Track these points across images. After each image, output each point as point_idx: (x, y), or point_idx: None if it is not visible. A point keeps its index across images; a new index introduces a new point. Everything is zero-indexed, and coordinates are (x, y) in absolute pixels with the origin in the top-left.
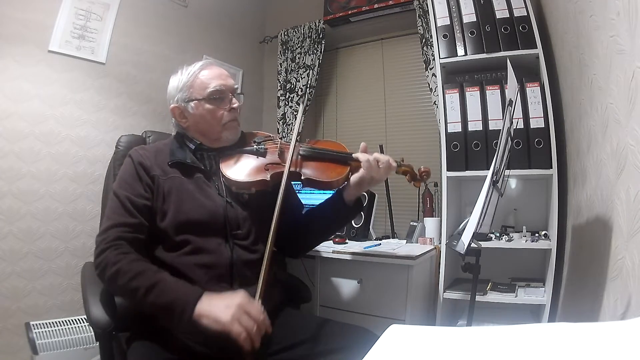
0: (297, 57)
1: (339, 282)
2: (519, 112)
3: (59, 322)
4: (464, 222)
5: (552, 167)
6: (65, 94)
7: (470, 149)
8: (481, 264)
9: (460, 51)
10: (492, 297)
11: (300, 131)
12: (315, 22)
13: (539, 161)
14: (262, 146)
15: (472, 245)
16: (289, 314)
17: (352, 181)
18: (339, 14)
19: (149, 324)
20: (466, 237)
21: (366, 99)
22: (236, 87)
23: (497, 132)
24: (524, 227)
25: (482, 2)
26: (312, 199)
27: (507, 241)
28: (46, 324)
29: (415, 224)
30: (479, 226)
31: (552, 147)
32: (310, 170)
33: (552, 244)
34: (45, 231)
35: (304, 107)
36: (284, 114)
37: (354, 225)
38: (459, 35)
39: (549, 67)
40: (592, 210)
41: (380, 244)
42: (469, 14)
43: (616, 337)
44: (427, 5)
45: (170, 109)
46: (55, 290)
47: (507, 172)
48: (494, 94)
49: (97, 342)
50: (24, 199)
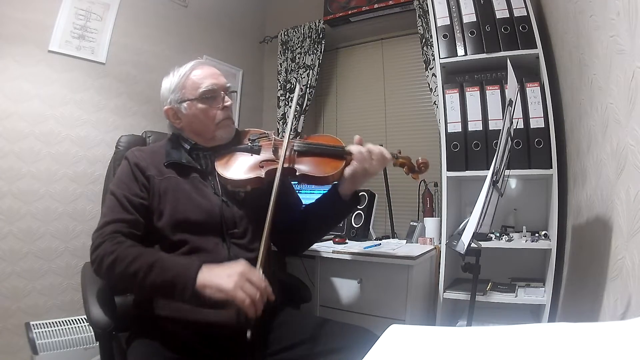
0: (297, 57)
1: (339, 282)
2: (519, 112)
3: (59, 322)
4: (464, 222)
5: (552, 167)
6: (65, 94)
7: (470, 149)
8: (481, 264)
9: (460, 51)
10: (492, 297)
11: (295, 126)
12: (315, 22)
13: (539, 161)
14: (257, 143)
15: (472, 245)
16: (288, 314)
17: (346, 174)
18: (339, 14)
19: (149, 323)
20: (466, 237)
21: (366, 99)
22: (228, 85)
23: (497, 132)
24: (524, 227)
25: (482, 2)
26: (313, 199)
27: (507, 241)
28: (46, 324)
29: (415, 224)
30: (479, 226)
31: (552, 147)
32: (304, 165)
33: (552, 244)
34: (45, 231)
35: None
36: (284, 114)
37: (354, 225)
38: (459, 35)
39: (549, 67)
40: (592, 210)
41: (380, 244)
42: (469, 14)
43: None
44: (427, 5)
45: (164, 110)
46: (55, 290)
47: (507, 172)
48: (494, 94)
49: (97, 342)
50: (24, 199)
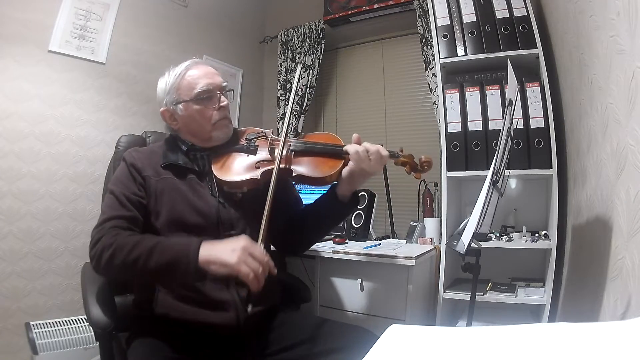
0: (297, 57)
1: (339, 282)
2: (519, 112)
3: (59, 322)
4: (464, 222)
5: (552, 167)
6: (65, 94)
7: (470, 149)
8: (481, 264)
9: (460, 51)
10: (492, 297)
11: (295, 126)
12: (315, 22)
13: (539, 161)
14: (253, 143)
15: (472, 245)
16: (288, 314)
17: (343, 175)
18: (339, 14)
19: (149, 323)
20: (466, 237)
21: (366, 99)
22: (224, 84)
23: (497, 132)
24: (524, 227)
25: (482, 2)
26: (313, 198)
27: (507, 241)
28: (46, 324)
29: (415, 224)
30: (479, 226)
31: (552, 147)
32: (301, 166)
33: (552, 244)
34: (45, 231)
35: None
36: (284, 114)
37: (354, 225)
38: (459, 35)
39: (549, 67)
40: (592, 210)
41: (380, 244)
42: (469, 14)
43: (616, 337)
44: (427, 5)
45: (160, 112)
46: (55, 290)
47: (507, 172)
48: (494, 94)
49: (97, 342)
50: (24, 199)
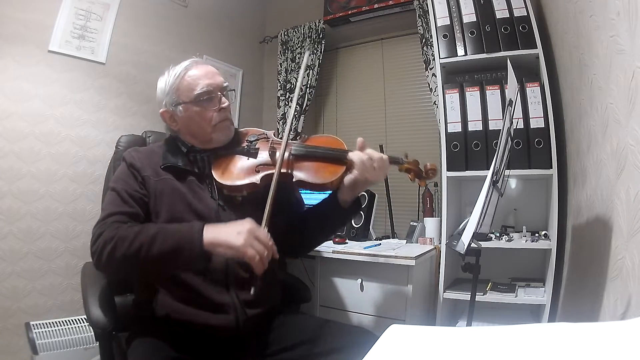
0: (297, 57)
1: (339, 282)
2: (519, 112)
3: (59, 322)
4: (464, 222)
5: (552, 167)
6: (65, 94)
7: (470, 149)
8: (481, 264)
9: (460, 51)
10: (492, 297)
11: (295, 126)
12: (315, 22)
13: (539, 161)
14: (254, 145)
15: (472, 245)
16: (288, 314)
17: (346, 182)
18: (339, 14)
19: (149, 323)
20: (466, 237)
21: (366, 99)
22: (225, 84)
23: (497, 132)
24: (524, 227)
25: (482, 2)
26: (315, 200)
27: (507, 241)
28: (46, 324)
29: (415, 224)
30: (479, 226)
31: (552, 147)
32: (302, 171)
33: (552, 244)
34: (45, 231)
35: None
36: (284, 114)
37: (354, 225)
38: (459, 35)
39: (549, 67)
40: (592, 210)
41: (380, 244)
42: (469, 14)
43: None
44: (427, 5)
45: (160, 113)
46: (55, 290)
47: (507, 172)
48: (494, 94)
49: (97, 342)
50: (24, 199)
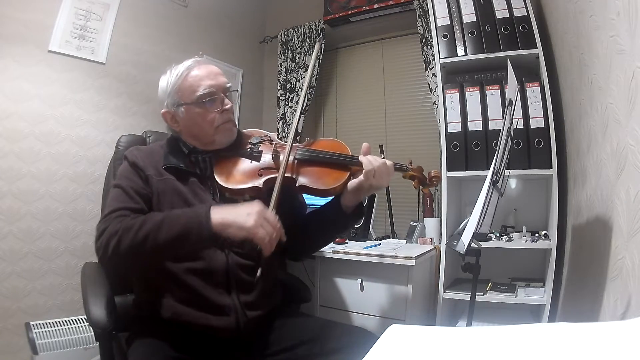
0: (297, 57)
1: (339, 282)
2: (519, 112)
3: (59, 322)
4: (464, 222)
5: (552, 167)
6: (65, 94)
7: (470, 149)
8: (481, 264)
9: (460, 51)
10: (492, 297)
11: (298, 131)
12: (315, 22)
13: (539, 161)
14: (257, 148)
15: (472, 245)
16: (288, 315)
17: (350, 187)
18: (339, 14)
19: (149, 324)
20: (466, 237)
21: (366, 99)
22: (228, 85)
23: (497, 132)
24: (524, 227)
25: (482, 2)
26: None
27: (507, 241)
28: (46, 324)
29: (415, 224)
30: (479, 226)
31: (552, 147)
32: (305, 176)
33: (552, 244)
34: (45, 231)
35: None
36: (284, 114)
37: (354, 225)
38: (459, 35)
39: (549, 67)
40: (592, 210)
41: (380, 244)
42: (469, 14)
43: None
44: (427, 5)
45: (161, 113)
46: (55, 290)
47: (507, 172)
48: (494, 94)
49: (97, 342)
50: (24, 199)
